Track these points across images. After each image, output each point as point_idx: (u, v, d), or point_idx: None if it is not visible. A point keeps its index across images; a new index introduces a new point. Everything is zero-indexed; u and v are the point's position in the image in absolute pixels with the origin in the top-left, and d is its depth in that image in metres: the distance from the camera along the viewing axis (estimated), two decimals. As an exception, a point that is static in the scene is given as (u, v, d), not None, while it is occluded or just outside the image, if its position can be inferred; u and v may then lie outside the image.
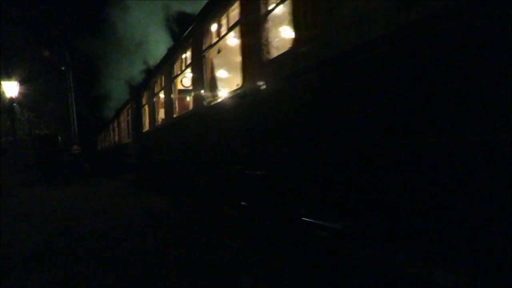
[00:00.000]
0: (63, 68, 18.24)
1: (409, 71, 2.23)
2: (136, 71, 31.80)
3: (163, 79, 8.49)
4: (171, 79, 7.65)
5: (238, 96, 4.59)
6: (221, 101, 5.23)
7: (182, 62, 7.21)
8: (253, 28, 4.09)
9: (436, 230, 2.19)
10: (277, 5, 3.71)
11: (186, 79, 7.62)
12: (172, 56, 7.65)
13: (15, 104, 12.69)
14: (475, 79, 1.89)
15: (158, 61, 9.26)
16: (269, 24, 3.89)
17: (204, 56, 5.71)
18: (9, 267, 2.95)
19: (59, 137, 15.66)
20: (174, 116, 7.60)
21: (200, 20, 5.84)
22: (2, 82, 12.01)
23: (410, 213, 2.36)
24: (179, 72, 7.36)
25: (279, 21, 4.48)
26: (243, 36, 4.40)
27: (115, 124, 18.43)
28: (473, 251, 1.99)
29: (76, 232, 4.21)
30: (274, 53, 3.82)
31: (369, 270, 2.45)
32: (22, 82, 12.84)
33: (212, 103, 5.52)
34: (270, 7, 3.82)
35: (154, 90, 9.47)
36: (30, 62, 17.56)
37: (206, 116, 5.80)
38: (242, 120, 4.64)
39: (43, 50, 18.46)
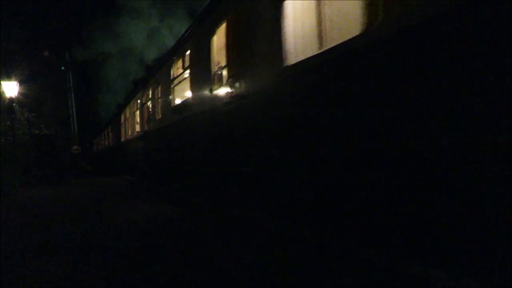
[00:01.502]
0: (63, 68, 18.24)
1: None
2: (143, 64, 31.26)
3: (126, 112, 14.67)
4: (133, 111, 13.12)
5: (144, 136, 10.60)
6: (145, 134, 10.57)
7: (135, 105, 12.69)
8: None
9: (438, 231, 2.20)
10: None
11: (136, 116, 12.69)
12: (128, 103, 14.26)
13: (15, 104, 12.66)
14: None
15: (126, 97, 15.69)
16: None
17: (142, 107, 11.25)
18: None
19: (58, 138, 15.64)
20: (134, 135, 12.90)
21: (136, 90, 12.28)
22: (2, 82, 11.96)
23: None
24: (135, 109, 12.74)
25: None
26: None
27: (106, 133, 23.98)
28: (474, 252, 1.99)
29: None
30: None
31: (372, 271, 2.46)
32: (22, 82, 12.79)
33: (141, 135, 11.29)
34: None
35: (126, 114, 14.96)
36: (30, 62, 17.53)
37: (137, 141, 11.79)
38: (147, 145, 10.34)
39: (43, 50, 18.45)
